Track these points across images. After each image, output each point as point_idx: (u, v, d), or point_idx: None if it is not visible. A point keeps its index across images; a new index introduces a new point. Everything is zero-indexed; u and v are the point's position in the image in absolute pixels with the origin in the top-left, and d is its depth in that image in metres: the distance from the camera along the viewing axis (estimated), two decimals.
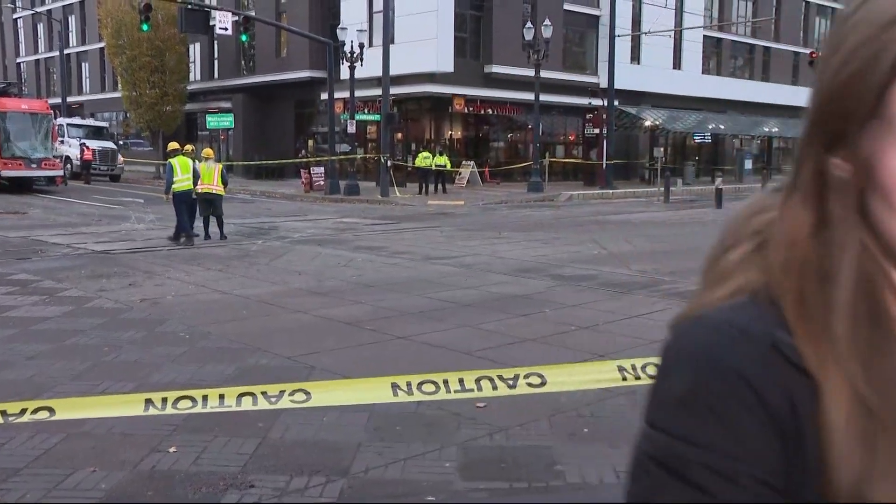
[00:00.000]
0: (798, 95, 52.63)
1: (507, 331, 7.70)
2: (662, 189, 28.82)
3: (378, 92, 30.53)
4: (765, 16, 49.12)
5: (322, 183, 31.37)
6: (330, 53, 30.38)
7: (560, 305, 8.99)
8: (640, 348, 7.02)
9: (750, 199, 0.86)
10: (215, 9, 28.51)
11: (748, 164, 44.93)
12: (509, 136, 41.14)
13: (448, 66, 34.16)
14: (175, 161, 15.33)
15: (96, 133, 39.35)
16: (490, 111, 37.68)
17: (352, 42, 29.16)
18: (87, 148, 36.50)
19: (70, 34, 58.71)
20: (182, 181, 15.27)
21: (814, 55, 31.26)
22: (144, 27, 26.43)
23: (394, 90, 31.34)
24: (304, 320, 8.27)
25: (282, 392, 2.94)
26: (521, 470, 4.40)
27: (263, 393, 2.92)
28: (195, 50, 46.97)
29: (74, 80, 58.79)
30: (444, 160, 31.42)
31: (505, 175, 37.91)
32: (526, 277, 11.03)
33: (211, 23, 28.44)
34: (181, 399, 2.83)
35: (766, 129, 48.95)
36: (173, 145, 15.91)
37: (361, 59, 29.29)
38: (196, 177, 15.87)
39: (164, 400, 2.83)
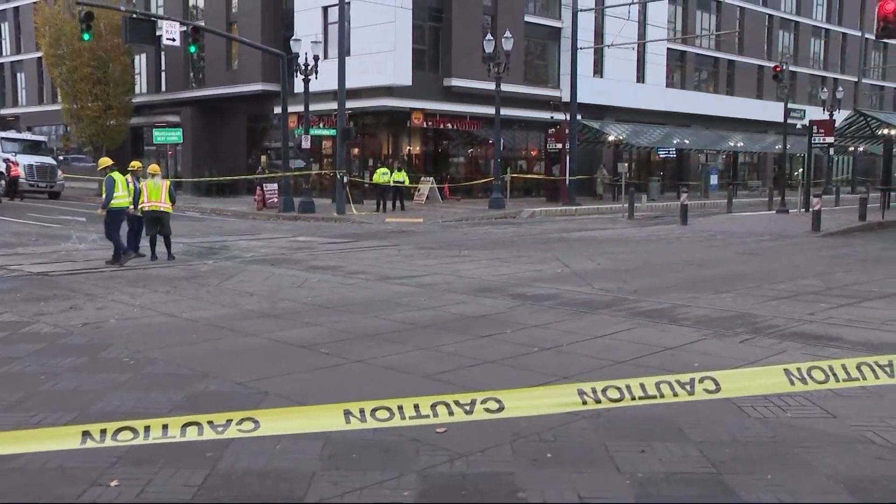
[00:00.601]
0: (763, 109, 53.75)
1: (467, 352, 7.69)
2: (627, 205, 29.13)
3: (334, 106, 30.51)
4: (728, 29, 50.12)
5: (276, 200, 31.21)
6: (283, 66, 30.35)
7: (522, 326, 9.01)
8: (605, 370, 7.05)
9: None
10: (162, 18, 28.29)
11: (714, 180, 45.69)
12: (470, 151, 41.33)
13: (406, 79, 34.27)
14: (115, 175, 15.06)
15: (33, 148, 38.70)
16: (450, 126, 37.84)
17: (306, 54, 29.17)
18: (14, 164, 35.74)
19: (3, 42, 57.76)
20: (121, 197, 15.02)
21: (778, 68, 31.89)
22: (86, 36, 25.96)
23: (350, 104, 31.35)
24: (256, 344, 8.18)
25: (229, 421, 2.90)
26: (483, 498, 4.39)
27: (210, 422, 2.87)
28: (141, 61, 46.53)
29: (9, 91, 57.75)
30: (402, 176, 31.47)
31: (465, 191, 38.02)
32: (487, 297, 11.04)
33: (157, 33, 28.23)
34: (122, 430, 2.77)
35: (732, 144, 49.77)
36: (105, 161, 15.39)
37: (316, 72, 29.29)
38: (139, 195, 15.67)
39: (103, 432, 2.77)
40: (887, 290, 11.87)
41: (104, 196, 15.02)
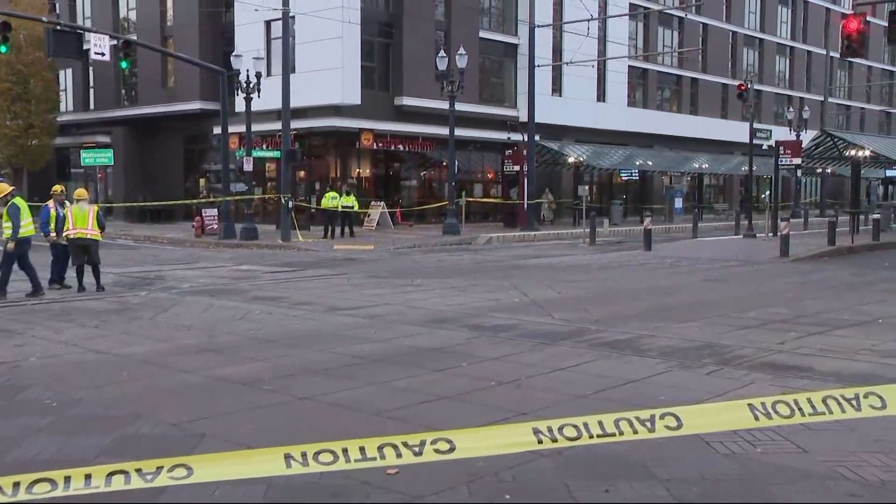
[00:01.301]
0: (728, 129, 54.77)
1: (420, 388, 7.66)
2: (588, 230, 29.38)
3: (278, 126, 30.45)
4: (691, 46, 51.12)
5: (216, 226, 30.94)
6: (223, 83, 30.22)
7: (478, 359, 9.00)
8: (566, 405, 7.06)
9: None
10: (89, 31, 27.92)
11: (678, 203, 46.32)
12: (423, 173, 41.47)
13: (355, 97, 34.34)
14: (18, 202, 14.52)
15: None
16: (401, 147, 37.95)
17: (248, 71, 29.09)
18: None
19: None
20: (27, 225, 14.52)
21: (742, 87, 32.55)
22: (3, 49, 25.27)
23: (295, 124, 31.30)
24: (193, 381, 8.05)
25: (160, 468, 2.83)
26: None
27: (138, 470, 2.80)
28: (67, 76, 45.98)
29: None
30: (351, 200, 31.43)
31: (418, 216, 38.10)
32: (441, 328, 11.03)
33: (85, 47, 27.80)
34: (38, 482, 2.68)
35: (696, 165, 50.57)
36: (4, 188, 14.64)
37: (259, 90, 29.21)
38: (63, 221, 15.38)
39: (17, 485, 2.67)
40: (858, 317, 12.10)
41: (11, 227, 14.28)
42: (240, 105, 30.96)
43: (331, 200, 30.72)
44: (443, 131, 33.99)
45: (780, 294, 15.05)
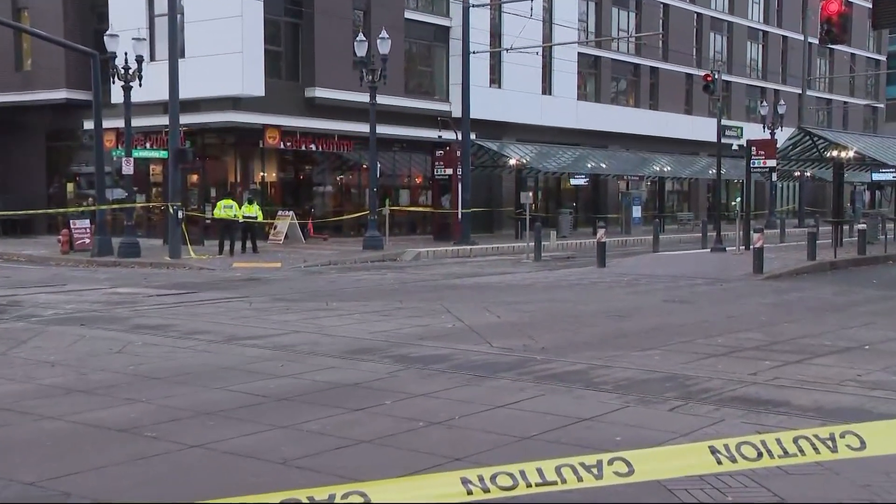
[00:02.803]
0: (693, 126, 55.81)
1: (336, 431, 7.63)
2: (532, 244, 29.62)
3: (164, 121, 30.08)
4: (651, 30, 51.87)
5: (88, 241, 30.40)
6: (95, 68, 29.65)
7: (405, 395, 9.00)
8: (507, 448, 7.09)
9: None
10: None
11: (637, 212, 46.93)
12: (339, 178, 41.38)
13: (257, 88, 34.12)
14: None
15: None
16: (314, 147, 37.81)
17: (126, 54, 28.64)
18: None
19: None
20: None
21: (709, 77, 33.14)
22: None
23: (186, 119, 30.97)
24: (57, 429, 7.88)
25: None
26: None
27: None
28: None
29: None
30: (253, 210, 31.16)
31: (334, 228, 37.97)
32: (361, 360, 11.00)
33: None
34: None
35: (657, 168, 51.41)
36: None
37: (140, 78, 28.81)
38: None
39: None
40: (842, 343, 12.40)
41: None
42: (117, 95, 30.47)
43: (224, 210, 30.25)
44: (363, 128, 33.98)
45: (753, 317, 15.34)
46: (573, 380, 9.80)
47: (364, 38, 31.83)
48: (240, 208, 30.78)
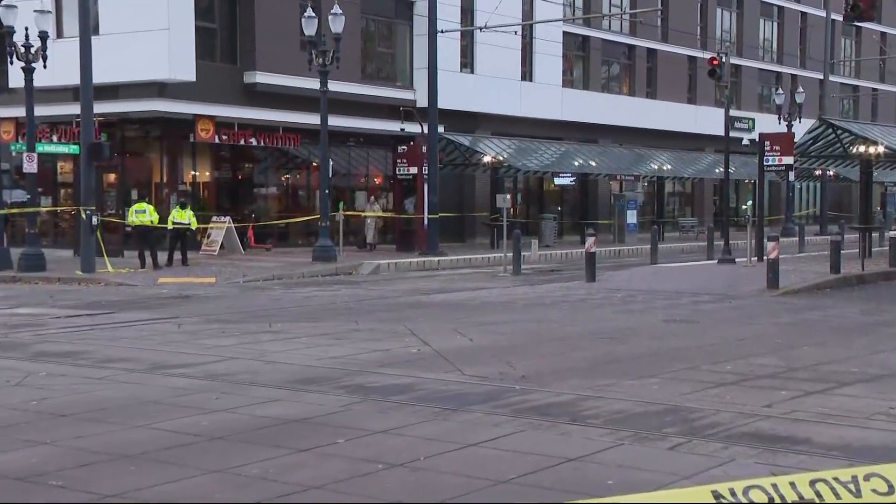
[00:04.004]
0: (697, 118, 56.03)
1: (279, 475, 7.60)
2: (510, 255, 29.62)
3: (75, 110, 29.88)
4: (648, 5, 51.97)
5: None
6: None
7: (361, 432, 8.97)
8: (480, 493, 7.09)
9: None
10: None
11: (632, 217, 47.06)
12: (285, 178, 41.32)
13: (187, 72, 33.98)
14: None
15: None
16: (254, 141, 37.67)
17: (27, 29, 28.41)
18: None
19: None
20: None
21: (715, 61, 33.24)
22: None
23: (101, 107, 30.79)
24: None
25: None
26: None
27: None
28: None
29: None
30: (184, 215, 30.99)
31: (279, 236, 37.91)
32: (310, 391, 10.98)
33: None
34: None
35: (655, 167, 51.60)
36: None
37: (45, 58, 28.59)
38: None
39: None
40: (872, 370, 12.47)
41: None
42: (17, 79, 30.23)
43: (136, 215, 29.83)
44: (312, 120, 33.87)
45: (768, 339, 15.41)
46: (558, 413, 9.80)
47: (314, 14, 31.75)
48: (171, 214, 30.58)
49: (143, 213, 29.89)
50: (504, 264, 30.34)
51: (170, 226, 30.42)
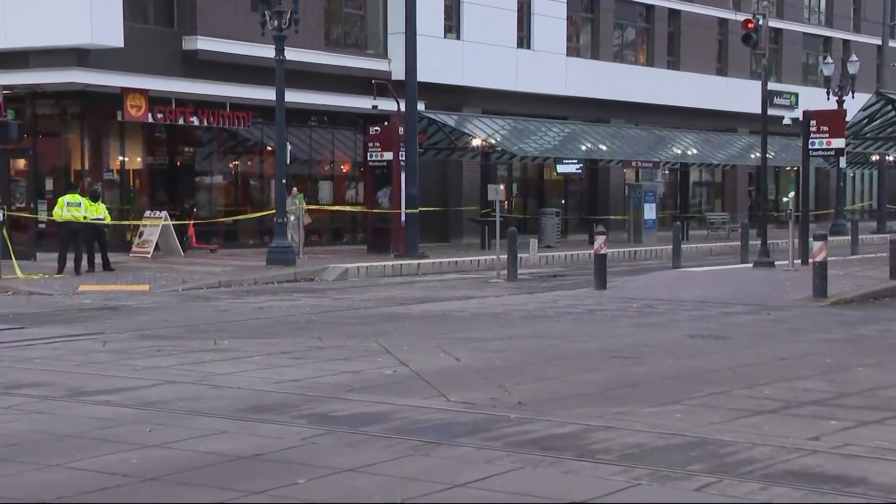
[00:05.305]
0: (729, 93, 56.05)
1: None
2: (504, 257, 29.62)
3: None
4: None
5: None
6: None
7: (325, 471, 8.95)
8: None
9: None
10: None
11: (650, 212, 47.03)
12: (233, 164, 41.28)
13: (114, 36, 33.87)
14: None
15: None
16: (196, 120, 37.60)
17: None
18: None
19: None
20: None
21: (751, 25, 33.24)
22: None
23: (7, 78, 30.77)
24: None
25: None
26: None
27: None
28: None
29: None
30: (99, 209, 30.78)
31: (227, 235, 37.92)
32: (264, 421, 10.95)
33: None
34: None
35: (678, 151, 51.67)
36: None
37: None
38: None
39: None
40: None
41: None
42: None
43: (68, 209, 29.77)
44: (266, 95, 33.82)
45: (814, 358, 15.43)
46: (561, 447, 9.78)
47: None
48: (88, 208, 30.28)
49: (76, 207, 29.68)
50: (497, 268, 30.35)
51: (91, 220, 30.07)
